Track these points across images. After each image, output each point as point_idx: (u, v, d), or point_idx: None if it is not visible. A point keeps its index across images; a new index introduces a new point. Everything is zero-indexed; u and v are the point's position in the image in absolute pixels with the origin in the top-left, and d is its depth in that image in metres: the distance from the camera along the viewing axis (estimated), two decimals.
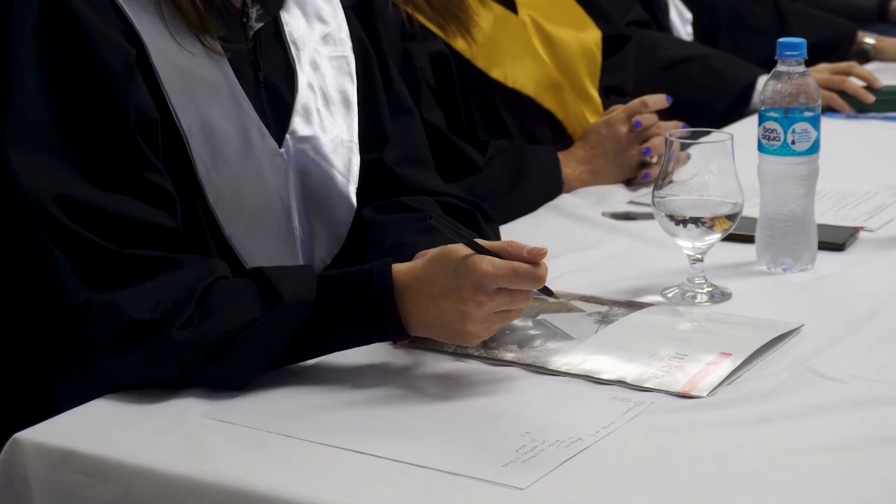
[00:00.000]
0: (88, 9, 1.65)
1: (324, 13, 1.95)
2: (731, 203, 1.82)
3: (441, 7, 2.35)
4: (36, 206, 1.59)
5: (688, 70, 2.95)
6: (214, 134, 1.74)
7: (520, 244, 1.58)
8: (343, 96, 1.92)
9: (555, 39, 2.49)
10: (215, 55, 1.76)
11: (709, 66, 2.95)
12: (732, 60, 3.00)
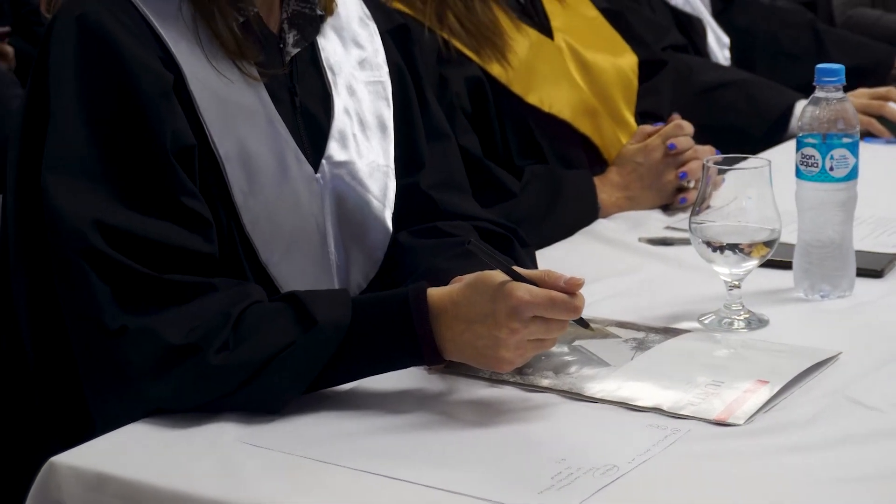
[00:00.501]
0: (126, 34, 1.66)
1: (360, 38, 1.95)
2: (769, 229, 1.81)
3: (477, 32, 2.35)
4: (74, 232, 1.59)
5: (725, 95, 2.94)
6: (251, 159, 1.74)
7: (557, 274, 1.58)
8: (379, 121, 1.92)
9: (591, 64, 2.48)
10: (252, 80, 1.76)
11: (746, 91, 2.94)
12: (770, 85, 2.98)
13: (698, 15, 3.26)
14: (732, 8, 3.47)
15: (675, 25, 3.13)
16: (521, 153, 2.38)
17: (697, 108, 2.83)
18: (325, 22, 1.90)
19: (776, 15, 3.46)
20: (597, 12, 2.62)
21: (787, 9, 3.57)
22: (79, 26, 1.66)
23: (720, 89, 2.95)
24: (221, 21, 1.74)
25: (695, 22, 3.23)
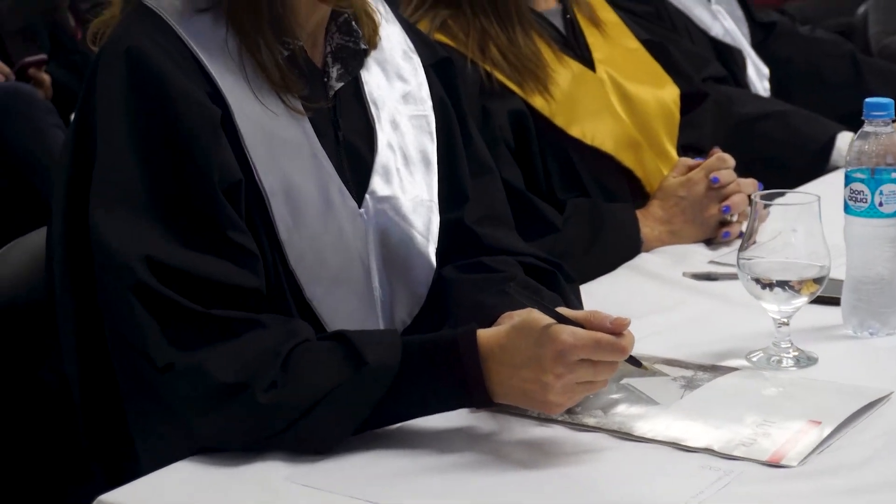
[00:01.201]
0: (174, 68, 1.66)
1: (404, 72, 1.94)
2: (819, 266, 1.80)
3: (519, 64, 2.34)
4: (122, 267, 1.58)
5: (766, 127, 2.92)
6: (296, 194, 1.73)
7: (602, 314, 1.57)
8: (423, 155, 1.91)
9: (633, 97, 2.47)
10: (297, 114, 1.76)
11: (787, 122, 2.93)
12: (811, 117, 2.97)
13: (738, 46, 3.25)
14: (772, 38, 3.46)
15: (715, 56, 3.12)
16: (563, 186, 2.37)
17: (738, 140, 2.81)
18: (369, 55, 1.89)
19: (816, 45, 3.45)
20: (638, 44, 2.61)
21: (827, 39, 3.56)
22: (127, 59, 1.66)
23: (761, 121, 2.94)
24: (267, 54, 1.73)
25: (734, 53, 3.22)
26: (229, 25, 1.72)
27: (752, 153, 2.67)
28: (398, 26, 1.98)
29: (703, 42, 3.16)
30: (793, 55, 3.42)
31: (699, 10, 3.20)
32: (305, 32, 1.80)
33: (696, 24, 3.18)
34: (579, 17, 2.53)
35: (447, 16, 2.36)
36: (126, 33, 1.70)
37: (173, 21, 1.71)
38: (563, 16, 2.51)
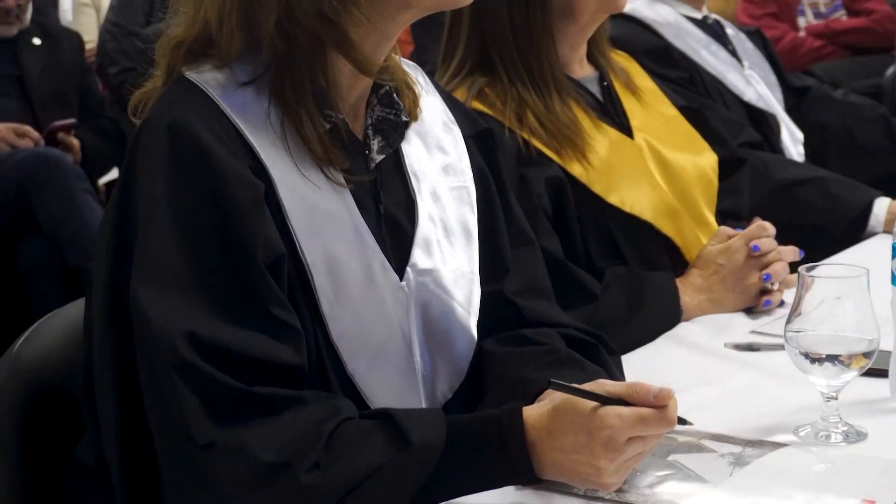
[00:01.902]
0: (218, 143, 1.64)
1: (444, 143, 1.93)
2: (868, 339, 1.77)
3: (556, 132, 2.33)
4: (165, 343, 1.56)
5: (803, 192, 2.90)
6: (338, 268, 1.72)
7: (645, 387, 1.55)
8: (463, 227, 1.89)
9: (671, 164, 2.45)
10: (339, 187, 1.74)
11: (824, 188, 2.90)
12: (848, 183, 2.94)
13: (772, 111, 3.23)
14: (805, 103, 3.45)
15: (750, 121, 3.11)
16: (601, 254, 2.35)
17: (775, 206, 2.80)
18: (410, 127, 1.88)
19: (850, 109, 3.43)
20: (675, 110, 2.60)
21: (860, 104, 3.55)
22: (170, 134, 1.64)
23: (798, 186, 2.92)
24: (310, 127, 1.72)
25: (768, 118, 3.21)
26: (272, 98, 1.71)
27: (790, 219, 2.65)
28: (438, 97, 1.97)
29: (737, 107, 3.15)
30: (827, 120, 3.40)
31: (733, 76, 3.20)
32: (347, 104, 1.78)
33: (730, 90, 3.17)
34: (616, 84, 2.52)
35: (484, 84, 2.35)
36: (168, 107, 1.68)
37: (216, 95, 1.69)
38: (600, 83, 2.50)
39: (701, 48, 3.17)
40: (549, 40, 2.35)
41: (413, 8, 1.75)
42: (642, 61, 2.74)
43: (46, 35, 4.48)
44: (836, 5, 6.14)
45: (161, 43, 1.78)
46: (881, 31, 5.95)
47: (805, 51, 5.87)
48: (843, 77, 5.56)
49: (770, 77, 3.37)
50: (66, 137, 4.32)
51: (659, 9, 3.19)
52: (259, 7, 1.68)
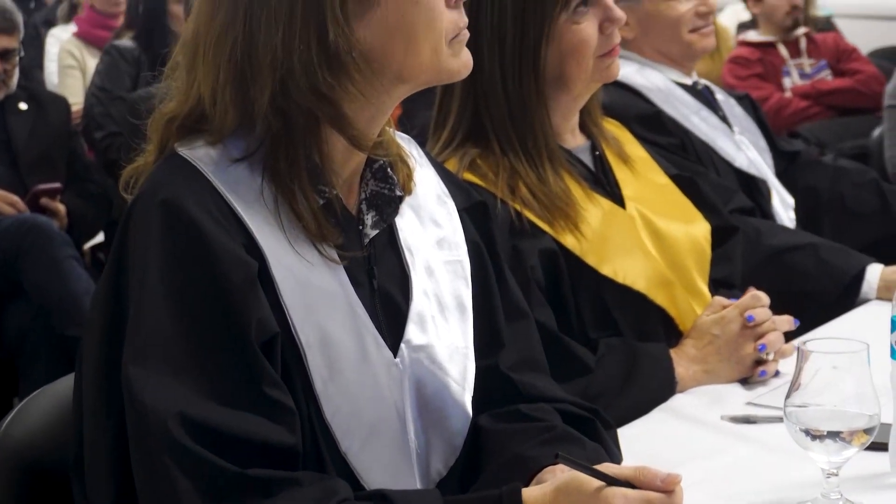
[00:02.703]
0: (211, 221, 1.63)
1: (438, 217, 1.92)
2: (868, 415, 1.75)
3: (549, 203, 2.31)
4: (157, 425, 1.54)
5: (795, 259, 2.89)
6: (332, 346, 1.70)
7: (652, 471, 1.54)
8: (458, 301, 1.88)
9: (664, 234, 2.44)
10: (332, 263, 1.72)
11: (817, 254, 2.89)
12: (840, 249, 2.93)
13: (762, 176, 3.23)
14: (796, 168, 3.45)
15: (741, 187, 3.10)
16: (595, 325, 2.33)
17: (767, 272, 2.79)
18: (404, 201, 1.86)
19: (840, 174, 3.43)
20: (667, 179, 2.59)
21: (850, 168, 3.55)
22: (163, 211, 1.63)
23: (790, 253, 2.91)
24: (303, 203, 1.70)
25: (759, 184, 3.20)
26: (266, 174, 1.70)
27: (783, 286, 2.63)
28: (432, 170, 1.96)
29: (728, 173, 3.14)
30: (817, 184, 3.40)
31: (723, 141, 3.20)
32: (341, 179, 1.77)
33: (721, 156, 3.17)
34: (608, 153, 2.51)
35: (476, 154, 2.34)
36: (161, 183, 1.67)
37: (209, 171, 1.68)
38: (592, 152, 2.49)
39: (691, 114, 3.18)
40: (543, 110, 2.35)
41: (408, 82, 1.74)
42: (634, 128, 2.74)
43: (33, 100, 4.47)
44: (821, 66, 6.17)
45: (153, 118, 1.77)
46: (867, 92, 5.97)
47: (791, 111, 5.89)
48: (829, 138, 5.57)
49: (760, 142, 3.37)
50: (50, 203, 4.30)
51: (649, 75, 3.19)
52: (253, 83, 1.67)
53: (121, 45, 5.21)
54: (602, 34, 2.38)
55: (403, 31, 1.70)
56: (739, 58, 6.07)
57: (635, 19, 3.15)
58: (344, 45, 1.66)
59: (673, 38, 3.19)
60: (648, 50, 3.22)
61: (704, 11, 3.17)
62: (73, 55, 6.18)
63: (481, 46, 2.30)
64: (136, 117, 1.81)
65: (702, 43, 3.21)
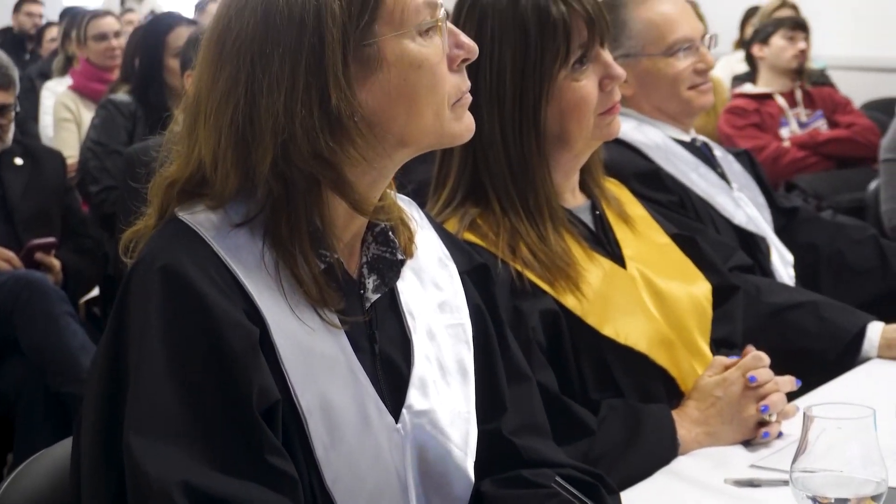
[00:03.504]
0: (212, 288, 1.61)
1: (440, 280, 1.90)
2: (875, 482, 1.73)
3: (550, 263, 2.30)
4: (161, 495, 1.53)
5: (796, 317, 2.88)
6: (333, 412, 1.68)
7: None
8: (460, 365, 1.86)
9: (664, 294, 2.42)
10: (333, 328, 1.71)
11: (818, 312, 2.88)
12: (841, 307, 2.92)
13: (762, 233, 3.22)
14: (795, 224, 3.44)
15: (740, 244, 3.09)
16: (597, 386, 2.31)
17: (768, 331, 2.77)
18: (405, 265, 1.85)
19: (839, 231, 3.42)
20: (668, 238, 2.58)
21: (850, 225, 3.54)
22: (163, 278, 1.61)
23: (790, 311, 2.89)
24: (304, 268, 1.69)
25: (759, 241, 3.19)
26: (267, 239, 1.69)
27: (783, 343, 2.62)
28: (433, 232, 1.95)
29: (727, 230, 3.13)
30: (816, 241, 3.39)
31: (722, 198, 3.19)
32: (342, 243, 1.76)
33: (720, 212, 3.16)
34: (608, 213, 2.50)
35: (476, 214, 2.32)
36: (161, 249, 1.65)
37: (209, 237, 1.67)
38: (593, 212, 2.48)
39: (690, 171, 3.17)
40: (544, 168, 2.33)
41: (410, 146, 1.74)
42: (633, 186, 2.74)
43: (29, 155, 4.46)
44: (818, 115, 6.19)
45: (154, 182, 1.76)
46: (863, 142, 5.98)
47: (789, 160, 5.90)
48: (826, 191, 5.58)
49: (759, 198, 3.36)
50: (45, 258, 4.28)
51: (647, 131, 3.18)
52: (254, 148, 1.66)
53: (117, 98, 5.20)
54: (602, 91, 2.37)
55: (406, 95, 1.69)
56: (736, 108, 6.09)
57: (634, 76, 3.15)
58: (346, 109, 1.65)
59: (671, 95, 3.19)
60: (647, 106, 3.21)
61: (702, 69, 3.17)
62: (69, 108, 6.18)
63: (481, 105, 2.29)
64: (133, 171, 1.80)
65: (700, 100, 3.21)
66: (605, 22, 2.36)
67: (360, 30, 1.66)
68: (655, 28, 3.14)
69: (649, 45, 3.14)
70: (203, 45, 1.73)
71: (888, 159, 4.78)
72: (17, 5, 10.90)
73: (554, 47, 2.31)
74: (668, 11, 3.16)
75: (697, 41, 3.16)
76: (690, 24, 3.17)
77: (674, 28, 3.14)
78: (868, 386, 1.89)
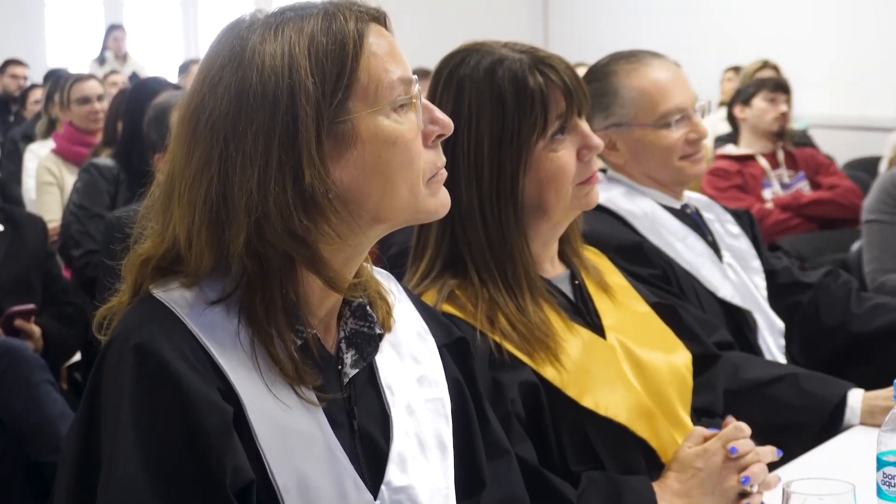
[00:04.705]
0: (186, 367, 1.60)
1: (418, 353, 1.90)
2: None
3: (529, 334, 2.29)
4: None
5: (776, 391, 2.86)
6: (310, 490, 1.66)
7: None
8: (439, 440, 1.85)
9: (644, 364, 2.41)
10: (311, 406, 1.70)
11: (798, 385, 2.86)
12: (820, 378, 2.90)
13: (747, 307, 3.18)
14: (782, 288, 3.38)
15: (725, 317, 3.07)
16: (577, 458, 2.29)
17: (749, 406, 2.77)
18: (383, 339, 1.84)
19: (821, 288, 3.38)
20: (648, 308, 2.57)
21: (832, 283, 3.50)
22: (136, 356, 1.60)
23: (770, 386, 2.86)
24: (280, 345, 1.68)
25: (745, 314, 3.16)
26: (242, 317, 1.68)
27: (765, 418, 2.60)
28: (411, 305, 1.94)
29: (711, 304, 3.10)
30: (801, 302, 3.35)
31: (708, 269, 3.15)
32: (318, 319, 1.75)
33: (705, 286, 3.13)
34: (587, 282, 2.49)
35: (454, 286, 2.31)
36: (135, 327, 1.64)
37: (184, 314, 1.66)
38: (572, 281, 2.48)
39: (677, 241, 3.14)
40: (522, 238, 2.33)
41: (385, 222, 1.73)
42: (614, 259, 2.73)
43: (9, 221, 4.44)
44: (800, 177, 6.21)
45: (128, 258, 1.75)
46: (846, 204, 6.00)
47: (772, 222, 5.90)
48: (809, 251, 5.58)
49: (753, 263, 3.32)
50: (25, 325, 4.26)
51: (636, 199, 3.16)
52: (228, 226, 1.65)
53: (99, 162, 5.19)
54: (580, 161, 2.37)
55: (380, 172, 1.68)
56: (719, 170, 6.11)
57: (625, 145, 3.14)
58: (320, 187, 1.65)
59: (663, 164, 3.16)
60: (638, 174, 3.19)
61: (695, 138, 3.14)
62: (52, 172, 6.17)
63: (459, 176, 2.29)
64: (112, 237, 1.79)
65: (692, 169, 3.18)
66: (583, 93, 2.37)
67: (334, 107, 1.66)
68: (648, 97, 3.11)
69: (641, 115, 3.12)
70: (177, 121, 1.72)
71: (870, 220, 4.78)
72: (2, 67, 10.93)
73: (531, 118, 2.31)
74: (660, 80, 3.13)
75: (690, 110, 3.14)
76: (683, 93, 3.14)
77: (666, 97, 3.11)
78: (849, 455, 1.87)
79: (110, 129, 5.57)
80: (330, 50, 1.67)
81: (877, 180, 4.93)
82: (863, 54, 9.72)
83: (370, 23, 1.72)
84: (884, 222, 4.71)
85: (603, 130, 3.11)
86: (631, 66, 3.14)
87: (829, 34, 10.10)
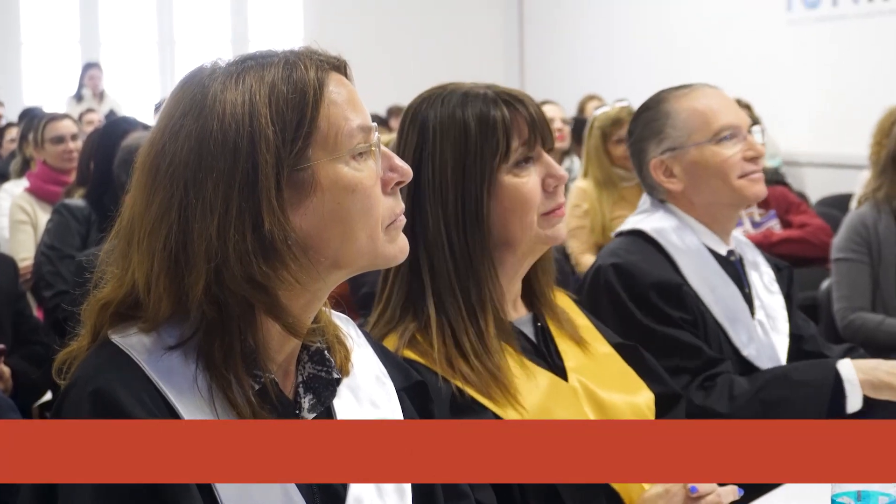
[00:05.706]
0: (143, 412, 1.62)
1: (377, 398, 1.91)
2: None
3: (489, 376, 2.29)
4: None
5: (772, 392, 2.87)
6: None
7: None
8: (397, 486, 1.86)
9: (607, 405, 2.43)
10: None
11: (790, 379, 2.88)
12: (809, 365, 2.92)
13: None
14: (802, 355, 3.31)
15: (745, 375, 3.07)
16: (539, 502, 2.30)
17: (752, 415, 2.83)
18: (341, 383, 1.85)
19: None
20: (610, 348, 2.58)
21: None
22: (94, 402, 1.62)
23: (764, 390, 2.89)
24: (238, 390, 1.69)
25: None
26: (200, 362, 1.69)
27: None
28: (370, 349, 1.95)
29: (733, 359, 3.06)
30: None
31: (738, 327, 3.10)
32: (276, 364, 1.76)
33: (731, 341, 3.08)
34: (550, 324, 2.50)
35: (415, 329, 2.32)
36: (93, 373, 1.66)
37: (142, 360, 1.67)
38: (534, 324, 2.49)
39: (715, 290, 3.09)
40: (489, 264, 2.33)
41: (344, 269, 1.74)
42: (649, 296, 2.83)
43: None
44: (771, 216, 6.23)
45: (87, 303, 1.76)
46: (816, 243, 6.03)
47: None
48: None
49: (782, 324, 3.24)
50: None
51: (686, 238, 3.12)
52: (188, 272, 1.66)
53: (71, 203, 5.19)
54: (545, 191, 2.39)
55: (340, 219, 1.70)
56: None
57: (682, 169, 3.11)
58: (279, 233, 1.66)
59: (722, 185, 3.10)
60: (697, 202, 3.14)
61: (752, 156, 3.10)
62: (25, 210, 6.17)
63: (424, 204, 2.31)
64: (82, 277, 1.80)
65: (752, 189, 3.12)
66: (549, 128, 2.39)
67: (293, 155, 1.68)
68: (700, 116, 3.10)
69: (695, 134, 3.09)
70: (137, 167, 1.73)
71: (839, 258, 4.81)
72: None
73: (493, 141, 2.33)
74: (711, 99, 3.13)
75: (744, 130, 3.11)
76: (735, 113, 3.12)
77: (718, 115, 3.09)
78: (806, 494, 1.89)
79: (84, 169, 5.57)
80: (290, 98, 1.68)
81: (845, 219, 4.96)
82: (840, 92, 9.79)
83: (330, 71, 1.74)
84: (852, 260, 4.74)
85: (658, 157, 3.11)
86: (681, 93, 3.14)
87: (810, 72, 10.16)
